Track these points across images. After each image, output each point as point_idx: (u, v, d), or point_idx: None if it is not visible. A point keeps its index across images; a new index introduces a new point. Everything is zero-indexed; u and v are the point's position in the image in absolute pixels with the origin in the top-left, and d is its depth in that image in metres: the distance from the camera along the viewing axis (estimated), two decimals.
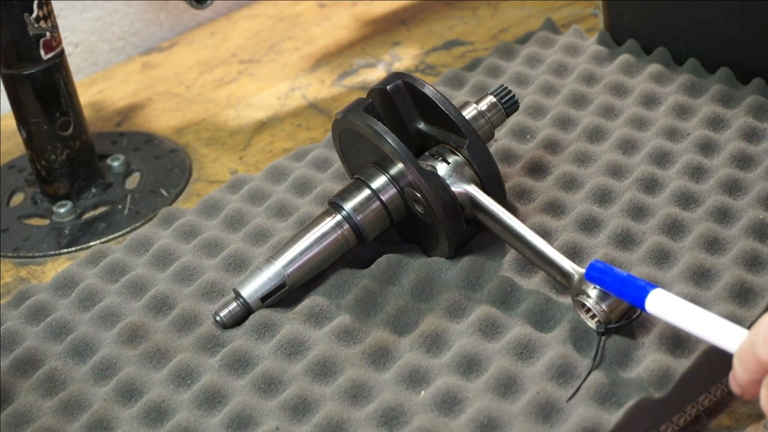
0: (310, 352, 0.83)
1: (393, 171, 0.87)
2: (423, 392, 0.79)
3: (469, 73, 1.12)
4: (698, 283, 0.84)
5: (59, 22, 1.04)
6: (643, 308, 0.75)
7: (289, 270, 0.87)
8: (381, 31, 1.27)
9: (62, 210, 1.05)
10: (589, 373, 0.77)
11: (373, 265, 0.89)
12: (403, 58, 1.22)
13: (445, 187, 0.86)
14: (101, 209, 1.06)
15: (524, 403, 0.76)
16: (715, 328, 0.70)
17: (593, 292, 0.79)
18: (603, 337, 0.79)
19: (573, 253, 0.87)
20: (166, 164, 1.11)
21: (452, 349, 0.82)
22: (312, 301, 0.87)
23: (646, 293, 0.74)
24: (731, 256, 0.86)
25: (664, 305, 0.73)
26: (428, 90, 0.88)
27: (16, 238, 1.04)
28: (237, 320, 0.86)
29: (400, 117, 0.90)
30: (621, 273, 0.77)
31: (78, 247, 1.02)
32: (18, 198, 1.10)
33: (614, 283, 0.77)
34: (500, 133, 1.02)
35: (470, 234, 0.89)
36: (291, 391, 0.80)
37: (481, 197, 0.86)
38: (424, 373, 0.80)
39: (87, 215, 1.06)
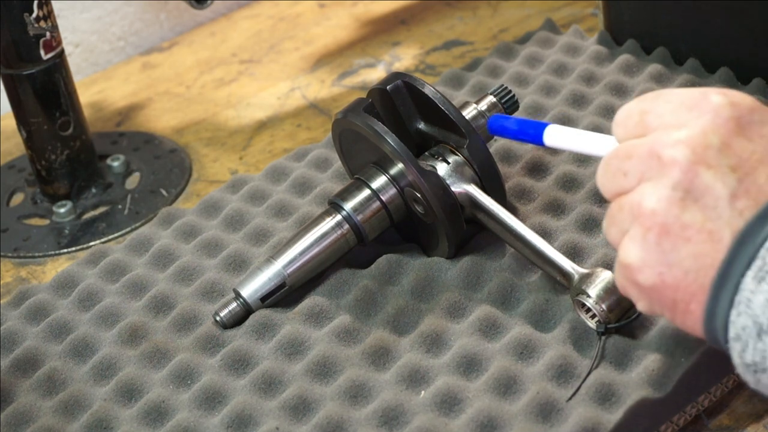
0: (310, 352, 0.83)
1: (393, 171, 0.87)
2: (423, 392, 0.79)
3: (469, 73, 1.12)
4: None
5: (59, 22, 1.04)
6: (542, 144, 0.79)
7: (289, 270, 0.87)
8: (381, 31, 1.27)
9: (62, 210, 1.05)
10: (589, 373, 0.77)
11: (373, 265, 0.89)
12: (403, 58, 1.22)
13: (445, 187, 0.86)
14: (101, 209, 1.06)
15: (524, 403, 0.76)
16: (598, 142, 0.74)
17: (593, 291, 0.79)
18: (603, 337, 0.79)
19: (573, 253, 0.87)
20: (166, 164, 1.11)
21: (452, 349, 0.82)
22: (312, 301, 0.87)
23: (543, 128, 0.79)
24: None
25: (559, 136, 0.78)
26: (428, 90, 0.88)
27: (16, 238, 1.04)
28: (237, 320, 0.86)
29: (400, 117, 0.90)
30: (516, 120, 0.83)
31: (78, 247, 1.02)
32: (18, 198, 1.10)
33: (514, 128, 0.82)
34: None
35: (470, 234, 0.90)
36: (291, 391, 0.80)
37: (481, 197, 0.86)
38: (424, 373, 0.80)
39: (87, 215, 1.06)
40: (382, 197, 0.88)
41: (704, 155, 0.64)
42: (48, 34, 1.00)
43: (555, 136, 0.78)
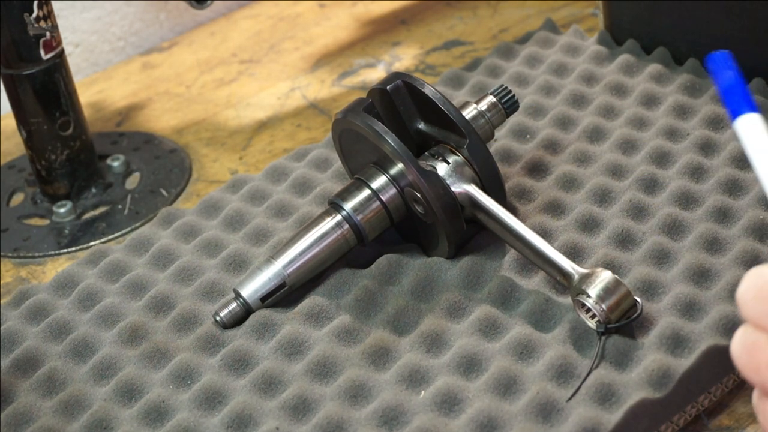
0: (310, 352, 0.83)
1: (393, 171, 0.88)
2: (423, 392, 0.79)
3: (469, 73, 1.12)
4: (698, 283, 0.84)
5: (59, 22, 1.04)
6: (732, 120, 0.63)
7: (289, 270, 0.87)
8: (381, 31, 1.27)
9: (62, 210, 1.05)
10: (589, 373, 0.77)
11: (373, 265, 0.89)
12: (403, 58, 1.22)
13: (445, 187, 0.86)
14: (101, 209, 1.06)
15: (524, 403, 0.76)
16: None
17: (593, 291, 0.79)
18: (603, 337, 0.79)
19: (573, 253, 0.88)
20: (166, 164, 1.11)
21: (452, 349, 0.82)
22: (312, 301, 0.87)
23: (741, 113, 0.62)
24: (731, 256, 0.86)
25: (752, 132, 0.61)
26: (428, 90, 0.88)
27: (16, 238, 1.04)
28: (237, 320, 0.86)
29: (400, 117, 0.90)
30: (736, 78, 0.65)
31: (78, 247, 1.02)
32: (18, 198, 1.10)
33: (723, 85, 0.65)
34: (500, 133, 1.02)
35: (470, 234, 0.90)
36: (291, 391, 0.80)
37: (481, 197, 0.86)
38: (424, 373, 0.80)
39: (87, 215, 1.06)
40: (382, 197, 0.88)
41: None
42: (48, 34, 1.00)
43: (749, 129, 0.61)
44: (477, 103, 0.92)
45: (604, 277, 0.79)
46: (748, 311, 0.56)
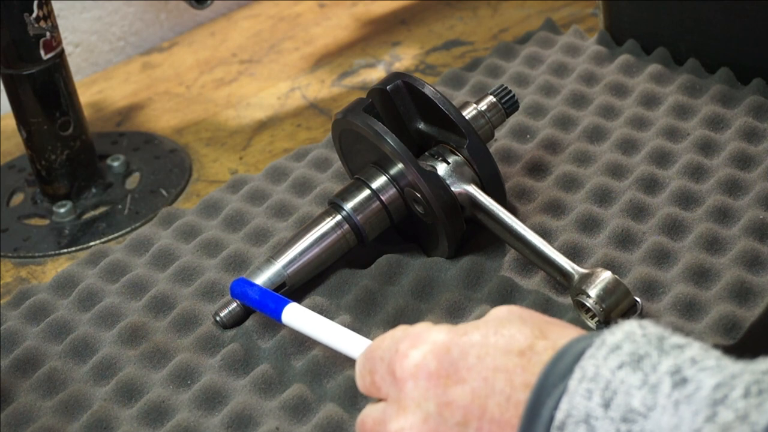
0: (310, 351, 0.83)
1: (393, 171, 0.88)
2: None
3: (469, 73, 1.12)
4: (698, 283, 0.84)
5: (59, 22, 1.04)
6: (280, 320, 0.80)
7: (289, 270, 0.87)
8: (381, 31, 1.27)
9: (62, 210, 1.05)
10: None
11: (373, 265, 0.89)
12: (403, 58, 1.22)
13: (445, 187, 0.86)
14: (101, 209, 1.06)
15: None
16: (339, 338, 0.75)
17: (593, 291, 0.79)
18: None
19: (573, 253, 0.88)
20: (166, 164, 1.11)
21: None
22: (312, 301, 0.87)
23: (282, 307, 0.79)
24: (731, 256, 0.86)
25: (297, 317, 0.79)
26: (428, 90, 0.88)
27: (16, 238, 1.04)
28: (237, 320, 0.86)
29: (400, 117, 0.90)
30: (260, 289, 0.83)
31: (78, 247, 1.02)
32: (18, 198, 1.10)
33: (256, 297, 0.83)
34: (500, 133, 1.02)
35: (470, 234, 0.89)
36: (291, 391, 0.80)
37: (481, 197, 0.86)
38: None
39: (87, 215, 1.06)
40: (382, 197, 0.88)
41: (429, 429, 0.61)
42: (48, 34, 1.00)
43: (294, 316, 0.79)
44: (477, 103, 0.92)
45: (604, 277, 0.79)
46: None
